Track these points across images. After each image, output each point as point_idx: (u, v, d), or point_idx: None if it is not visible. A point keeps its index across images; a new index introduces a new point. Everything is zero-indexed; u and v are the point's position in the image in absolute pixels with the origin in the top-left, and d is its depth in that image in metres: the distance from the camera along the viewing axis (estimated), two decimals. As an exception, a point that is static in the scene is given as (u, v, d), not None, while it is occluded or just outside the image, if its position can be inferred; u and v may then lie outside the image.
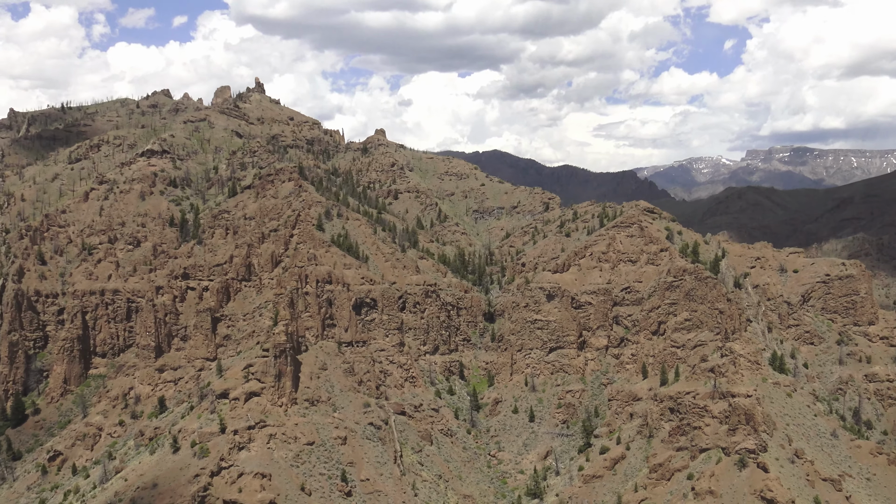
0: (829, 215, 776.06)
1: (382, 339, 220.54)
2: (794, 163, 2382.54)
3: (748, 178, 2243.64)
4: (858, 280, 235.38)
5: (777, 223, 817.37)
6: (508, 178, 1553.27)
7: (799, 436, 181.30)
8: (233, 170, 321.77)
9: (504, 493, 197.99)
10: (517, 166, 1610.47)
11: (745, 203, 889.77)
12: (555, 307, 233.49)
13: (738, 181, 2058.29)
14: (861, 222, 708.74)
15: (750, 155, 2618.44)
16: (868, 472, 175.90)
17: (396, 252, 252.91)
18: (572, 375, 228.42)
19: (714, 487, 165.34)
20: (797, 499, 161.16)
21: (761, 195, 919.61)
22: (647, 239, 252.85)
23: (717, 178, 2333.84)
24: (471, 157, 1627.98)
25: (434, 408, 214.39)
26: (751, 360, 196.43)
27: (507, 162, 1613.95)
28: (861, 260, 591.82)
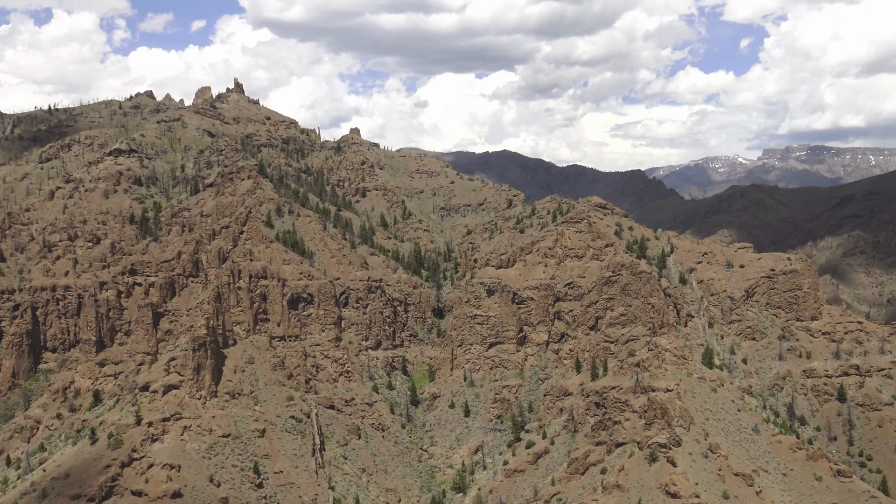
0: (829, 213, 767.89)
1: (319, 334, 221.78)
2: (811, 161, 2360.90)
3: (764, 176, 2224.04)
4: (802, 275, 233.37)
5: (778, 221, 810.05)
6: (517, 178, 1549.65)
7: (718, 431, 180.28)
8: (198, 168, 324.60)
9: (430, 487, 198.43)
10: (526, 166, 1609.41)
11: (746, 201, 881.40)
12: (495, 302, 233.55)
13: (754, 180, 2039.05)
14: (860, 220, 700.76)
15: (766, 154, 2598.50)
16: (786, 467, 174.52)
17: (344, 248, 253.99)
18: (511, 371, 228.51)
19: (622, 482, 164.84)
20: (704, 493, 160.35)
21: (764, 193, 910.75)
22: (594, 234, 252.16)
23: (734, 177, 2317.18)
24: (480, 158, 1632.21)
25: (368, 402, 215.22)
26: (677, 355, 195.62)
27: (517, 162, 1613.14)
28: (855, 258, 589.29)
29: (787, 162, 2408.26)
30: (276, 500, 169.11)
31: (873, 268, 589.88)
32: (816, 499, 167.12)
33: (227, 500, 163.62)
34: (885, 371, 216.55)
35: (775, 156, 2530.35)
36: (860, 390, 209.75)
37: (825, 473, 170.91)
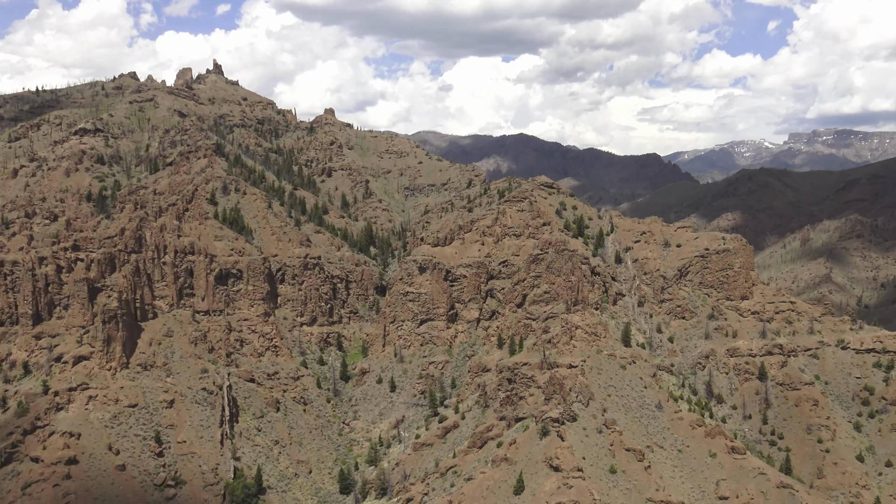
0: (833, 197, 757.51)
1: (247, 309, 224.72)
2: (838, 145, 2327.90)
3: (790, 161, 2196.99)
4: (734, 254, 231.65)
5: (783, 205, 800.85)
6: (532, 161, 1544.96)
7: (619, 407, 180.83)
8: (163, 148, 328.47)
9: (345, 459, 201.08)
10: (542, 150, 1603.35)
11: (754, 185, 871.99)
12: (426, 280, 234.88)
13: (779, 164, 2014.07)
14: (863, 204, 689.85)
15: (793, 138, 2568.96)
16: (682, 443, 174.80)
17: (286, 226, 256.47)
18: (439, 347, 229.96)
19: (510, 455, 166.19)
20: (590, 467, 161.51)
21: (772, 177, 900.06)
22: (534, 213, 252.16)
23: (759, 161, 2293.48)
24: (496, 142, 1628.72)
25: (294, 377, 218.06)
26: (588, 332, 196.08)
27: (532, 145, 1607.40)
28: (852, 241, 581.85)
29: (814, 146, 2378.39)
30: (175, 468, 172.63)
31: (869, 251, 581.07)
32: (707, 475, 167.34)
33: (124, 467, 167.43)
34: (811, 351, 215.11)
35: (801, 140, 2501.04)
36: (782, 370, 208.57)
37: (720, 450, 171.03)
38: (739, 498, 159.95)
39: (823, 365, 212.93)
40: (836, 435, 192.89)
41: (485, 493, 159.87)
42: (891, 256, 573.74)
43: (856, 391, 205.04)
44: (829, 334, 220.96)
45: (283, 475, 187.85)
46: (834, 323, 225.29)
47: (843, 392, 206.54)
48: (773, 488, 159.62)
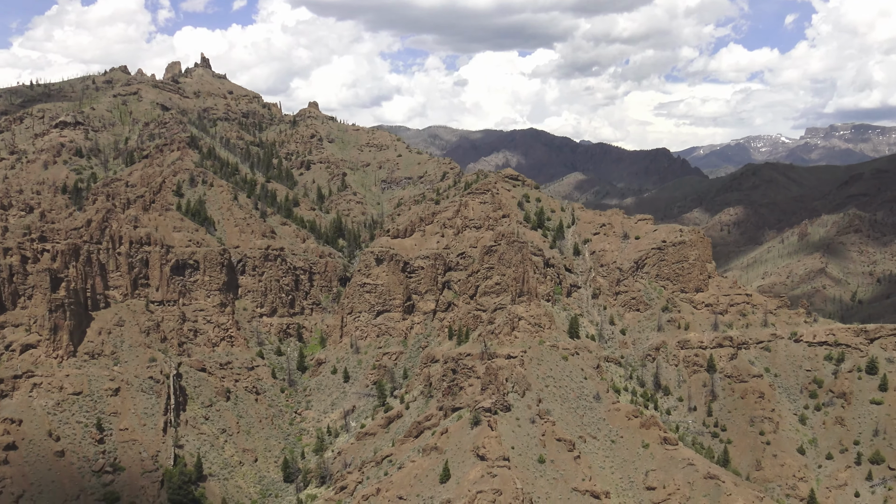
0: (836, 192, 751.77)
1: (204, 300, 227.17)
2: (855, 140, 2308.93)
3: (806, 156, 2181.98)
4: (689, 247, 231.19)
5: (787, 200, 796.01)
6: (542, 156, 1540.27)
7: (556, 397, 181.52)
8: (141, 141, 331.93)
9: (293, 449, 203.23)
10: (552, 144, 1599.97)
11: (758, 180, 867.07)
12: (383, 271, 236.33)
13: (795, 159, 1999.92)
14: (865, 199, 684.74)
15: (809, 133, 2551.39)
16: (616, 434, 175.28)
17: (250, 218, 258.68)
18: (395, 338, 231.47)
19: (440, 444, 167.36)
20: (519, 457, 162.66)
21: (777, 172, 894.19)
22: (496, 205, 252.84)
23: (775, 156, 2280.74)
24: (506, 136, 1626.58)
25: (249, 367, 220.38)
26: (532, 323, 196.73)
27: (542, 140, 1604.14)
28: (850, 236, 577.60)
29: (830, 141, 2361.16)
30: (115, 455, 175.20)
31: (867, 246, 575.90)
32: (637, 465, 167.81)
33: (63, 453, 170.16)
34: (763, 344, 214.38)
35: (818, 135, 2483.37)
36: (731, 362, 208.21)
37: (653, 441, 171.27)
38: (666, 488, 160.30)
39: (775, 357, 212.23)
40: (779, 427, 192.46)
41: (412, 481, 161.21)
42: (888, 251, 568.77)
43: (804, 384, 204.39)
44: (784, 327, 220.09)
45: (227, 463, 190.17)
46: (789, 316, 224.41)
47: (793, 385, 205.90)
48: (700, 479, 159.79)
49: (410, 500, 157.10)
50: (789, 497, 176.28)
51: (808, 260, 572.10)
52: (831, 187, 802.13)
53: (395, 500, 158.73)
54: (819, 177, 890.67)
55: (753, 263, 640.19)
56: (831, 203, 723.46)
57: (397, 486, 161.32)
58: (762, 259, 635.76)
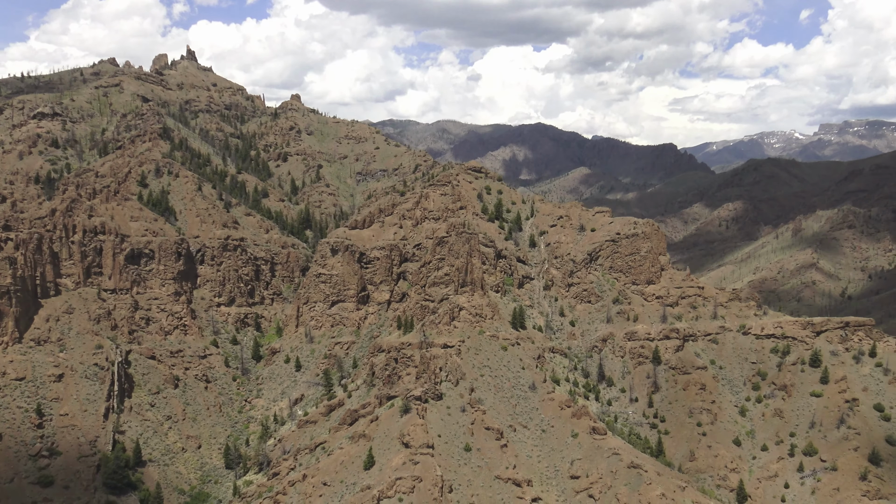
0: (835, 187, 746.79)
1: (158, 289, 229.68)
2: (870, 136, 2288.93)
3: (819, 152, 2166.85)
4: (642, 239, 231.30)
5: (787, 195, 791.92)
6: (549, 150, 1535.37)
7: (490, 387, 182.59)
8: (118, 132, 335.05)
9: (238, 436, 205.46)
10: (559, 139, 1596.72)
11: (759, 175, 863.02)
12: (338, 262, 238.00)
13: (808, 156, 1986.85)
14: (863, 194, 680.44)
15: (823, 129, 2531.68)
16: (548, 424, 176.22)
17: (212, 209, 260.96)
18: (348, 328, 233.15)
19: (369, 432, 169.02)
20: (445, 445, 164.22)
21: (779, 168, 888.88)
22: (455, 197, 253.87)
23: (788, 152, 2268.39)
24: (514, 131, 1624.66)
25: (201, 355, 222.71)
26: (473, 314, 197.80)
27: (550, 135, 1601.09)
28: (843, 231, 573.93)
29: (844, 137, 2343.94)
30: (53, 440, 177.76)
31: (860, 242, 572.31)
32: (564, 454, 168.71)
33: (0, 436, 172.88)
34: (711, 336, 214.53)
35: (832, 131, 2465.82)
36: (676, 354, 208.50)
37: (582, 431, 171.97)
38: (589, 477, 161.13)
39: (722, 350, 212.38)
40: (718, 419, 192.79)
41: (338, 467, 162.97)
42: (881, 247, 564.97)
43: (748, 376, 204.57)
44: (734, 320, 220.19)
45: (169, 449, 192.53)
46: (740, 308, 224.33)
47: (737, 377, 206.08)
48: (623, 468, 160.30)
49: (334, 487, 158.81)
50: (720, 488, 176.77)
51: (800, 255, 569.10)
52: (833, 183, 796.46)
53: (320, 486, 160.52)
54: (821, 172, 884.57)
55: (747, 259, 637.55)
56: (830, 199, 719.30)
57: (323, 472, 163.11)
58: (756, 254, 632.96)
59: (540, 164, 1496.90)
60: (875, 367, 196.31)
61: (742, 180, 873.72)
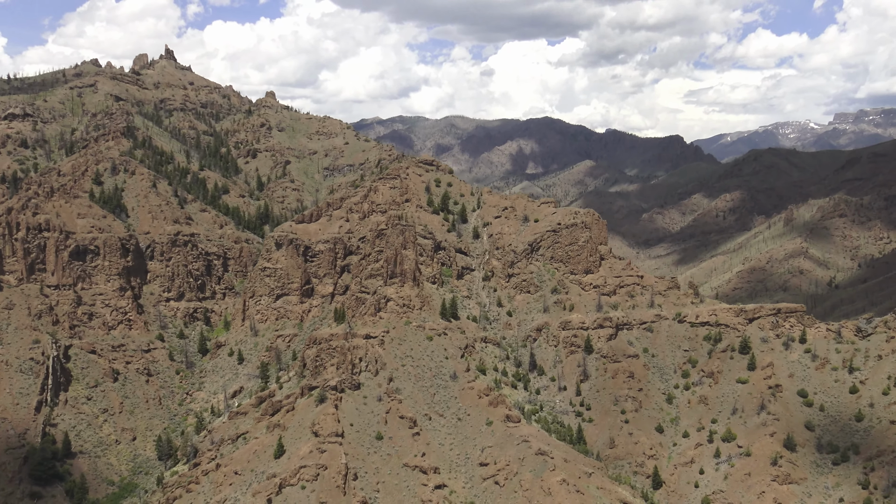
0: (832, 176, 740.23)
1: (104, 284, 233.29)
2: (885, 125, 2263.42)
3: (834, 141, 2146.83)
4: (581, 229, 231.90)
5: (785, 185, 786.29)
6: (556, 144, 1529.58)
7: (410, 376, 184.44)
8: (87, 131, 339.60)
9: (175, 428, 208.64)
10: (566, 133, 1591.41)
11: (759, 165, 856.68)
12: (283, 255, 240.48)
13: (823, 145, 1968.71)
14: (858, 183, 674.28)
15: (838, 118, 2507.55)
16: (465, 412, 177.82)
17: (164, 205, 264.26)
18: (292, 321, 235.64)
19: (284, 422, 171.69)
20: (356, 433, 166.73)
21: (779, 157, 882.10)
22: (403, 190, 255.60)
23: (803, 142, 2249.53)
24: (521, 125, 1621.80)
25: (145, 349, 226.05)
26: (400, 304, 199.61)
27: (556, 128, 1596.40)
28: (834, 220, 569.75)
29: (859, 125, 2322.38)
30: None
31: (851, 231, 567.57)
32: (477, 442, 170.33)
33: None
34: (646, 324, 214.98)
35: (847, 120, 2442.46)
36: (609, 342, 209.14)
37: (497, 419, 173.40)
38: (497, 464, 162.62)
39: (656, 338, 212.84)
40: (643, 406, 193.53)
41: (250, 457, 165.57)
42: (872, 235, 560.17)
43: (679, 364, 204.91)
44: (670, 308, 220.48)
45: (102, 441, 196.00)
46: (678, 297, 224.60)
47: (669, 364, 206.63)
48: (531, 455, 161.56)
49: (244, 475, 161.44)
50: (636, 474, 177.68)
51: (789, 245, 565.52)
52: (831, 172, 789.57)
53: (231, 475, 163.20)
54: (822, 162, 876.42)
55: (739, 248, 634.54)
56: (826, 188, 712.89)
57: (236, 461, 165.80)
58: (748, 244, 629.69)
59: (547, 158, 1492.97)
60: (804, 353, 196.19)
61: (741, 171, 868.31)
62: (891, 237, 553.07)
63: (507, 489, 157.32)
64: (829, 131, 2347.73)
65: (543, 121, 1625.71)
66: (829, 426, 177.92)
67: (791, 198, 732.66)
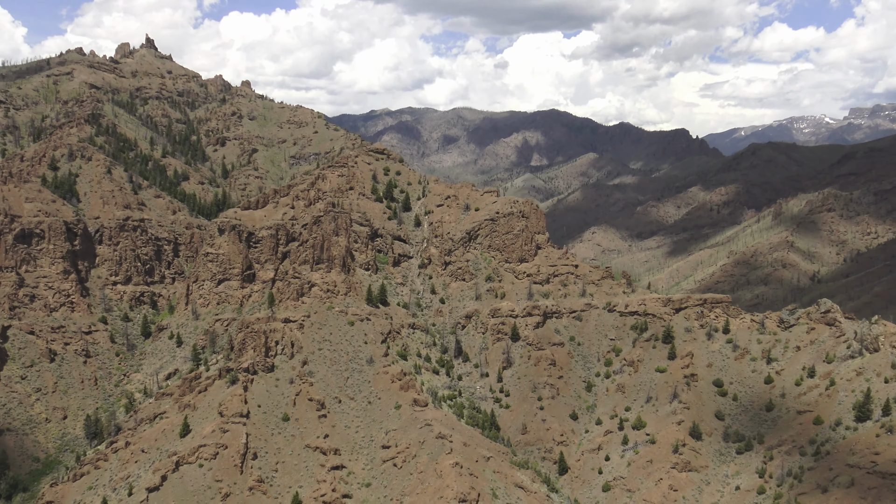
0: (828, 170, 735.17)
1: (48, 267, 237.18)
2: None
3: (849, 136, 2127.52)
4: (517, 218, 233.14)
5: (781, 179, 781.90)
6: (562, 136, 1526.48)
7: (326, 360, 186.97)
8: (57, 119, 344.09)
9: (107, 408, 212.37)
10: (573, 125, 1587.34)
11: (757, 159, 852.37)
12: (224, 241, 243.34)
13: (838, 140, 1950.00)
14: (852, 178, 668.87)
15: (853, 113, 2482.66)
16: (375, 396, 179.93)
17: (116, 191, 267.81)
18: (232, 306, 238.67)
19: (196, 402, 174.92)
20: (263, 414, 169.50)
21: (778, 151, 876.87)
22: (350, 178, 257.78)
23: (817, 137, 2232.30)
24: (527, 117, 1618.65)
25: (86, 331, 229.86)
26: (324, 290, 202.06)
27: (563, 121, 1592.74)
28: (822, 215, 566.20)
29: (875, 120, 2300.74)
30: None
31: (838, 225, 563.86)
32: (384, 425, 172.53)
33: None
34: (576, 313, 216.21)
35: (863, 115, 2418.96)
36: (535, 330, 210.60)
37: (406, 403, 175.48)
38: (397, 447, 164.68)
39: (584, 326, 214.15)
40: (560, 393, 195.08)
41: (159, 435, 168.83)
42: (859, 230, 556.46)
43: (604, 352, 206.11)
44: (603, 297, 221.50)
45: (32, 420, 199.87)
46: (611, 286, 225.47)
47: (594, 353, 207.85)
48: (431, 439, 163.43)
49: (150, 453, 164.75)
50: (545, 460, 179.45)
51: (775, 238, 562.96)
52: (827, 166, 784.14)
53: (138, 453, 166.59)
54: (820, 156, 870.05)
55: (728, 242, 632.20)
56: (821, 182, 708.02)
57: (145, 439, 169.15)
58: (736, 237, 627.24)
59: (552, 151, 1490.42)
60: (726, 343, 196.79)
61: (739, 164, 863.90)
62: (878, 232, 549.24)
63: (403, 471, 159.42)
64: (844, 126, 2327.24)
65: (550, 113, 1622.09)
66: (739, 415, 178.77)
67: (786, 192, 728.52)
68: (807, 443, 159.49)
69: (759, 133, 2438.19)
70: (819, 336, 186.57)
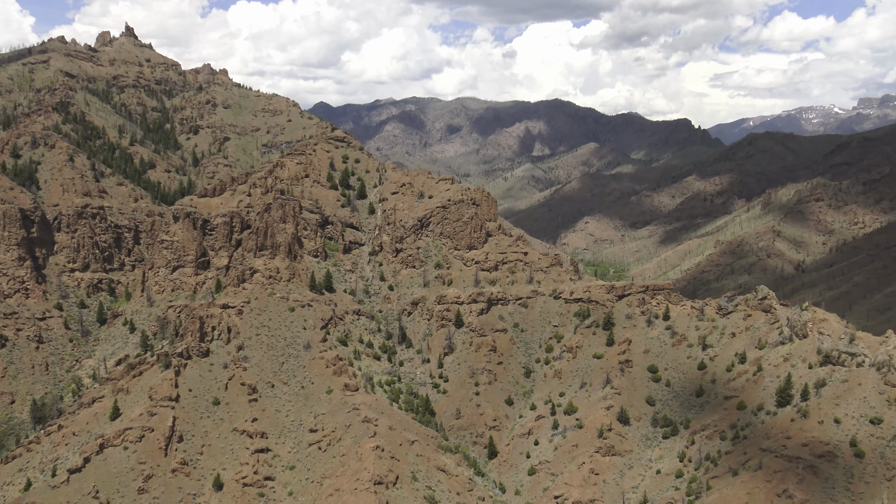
0: (822, 160, 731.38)
1: (2, 254, 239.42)
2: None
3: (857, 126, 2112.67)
4: (467, 205, 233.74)
5: (776, 169, 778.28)
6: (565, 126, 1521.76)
7: (263, 346, 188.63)
8: (30, 107, 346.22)
9: (56, 393, 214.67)
10: (576, 115, 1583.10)
11: (753, 149, 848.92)
12: (179, 228, 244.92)
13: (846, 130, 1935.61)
14: (844, 167, 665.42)
15: (862, 103, 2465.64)
16: (309, 381, 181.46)
17: (78, 178, 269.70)
18: (186, 292, 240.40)
19: (129, 386, 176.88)
20: (194, 399, 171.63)
21: (775, 141, 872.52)
22: (307, 165, 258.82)
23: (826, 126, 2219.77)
24: (530, 107, 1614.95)
25: (40, 317, 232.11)
26: (266, 276, 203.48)
27: (566, 111, 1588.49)
28: (811, 204, 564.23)
29: (884, 110, 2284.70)
30: None
31: (826, 214, 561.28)
32: (314, 409, 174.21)
33: None
34: (521, 300, 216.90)
35: (872, 105, 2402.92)
36: (479, 317, 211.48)
37: (337, 388, 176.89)
38: (324, 430, 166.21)
39: (529, 313, 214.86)
40: (498, 378, 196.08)
41: (90, 419, 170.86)
42: (847, 220, 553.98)
43: (546, 339, 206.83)
44: (550, 284, 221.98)
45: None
46: (558, 273, 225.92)
47: (536, 339, 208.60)
48: (357, 422, 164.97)
49: (81, 436, 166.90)
50: (476, 444, 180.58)
51: (762, 227, 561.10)
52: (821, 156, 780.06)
53: (69, 436, 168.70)
54: (817, 146, 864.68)
55: (717, 231, 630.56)
56: (814, 172, 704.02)
57: (77, 423, 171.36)
58: (726, 227, 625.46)
59: (555, 141, 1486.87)
60: (665, 329, 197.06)
61: (735, 154, 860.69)
62: (865, 221, 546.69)
63: (327, 454, 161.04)
64: (853, 116, 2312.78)
65: (553, 103, 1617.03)
66: (670, 401, 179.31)
67: (780, 181, 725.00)
68: (728, 427, 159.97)
69: (767, 123, 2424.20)
70: (755, 323, 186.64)
